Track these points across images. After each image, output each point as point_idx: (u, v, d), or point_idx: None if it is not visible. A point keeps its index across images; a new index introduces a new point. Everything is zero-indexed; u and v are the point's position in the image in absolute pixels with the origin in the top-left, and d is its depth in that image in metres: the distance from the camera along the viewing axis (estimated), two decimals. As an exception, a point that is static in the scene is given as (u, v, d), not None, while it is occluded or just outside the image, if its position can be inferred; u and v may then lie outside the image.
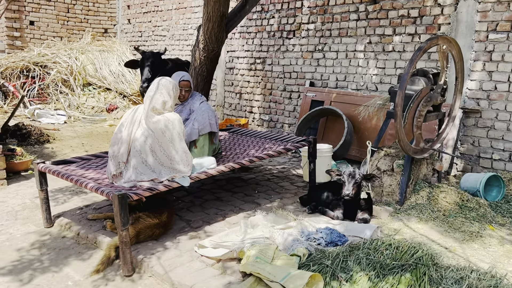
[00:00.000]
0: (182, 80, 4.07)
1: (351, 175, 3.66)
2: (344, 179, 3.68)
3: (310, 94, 6.45)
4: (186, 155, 3.38)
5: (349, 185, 3.64)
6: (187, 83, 4.10)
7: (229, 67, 8.06)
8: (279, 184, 4.90)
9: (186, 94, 4.12)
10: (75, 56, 9.90)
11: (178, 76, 4.09)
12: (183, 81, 4.07)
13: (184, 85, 4.08)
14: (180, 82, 4.06)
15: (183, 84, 4.07)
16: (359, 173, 3.69)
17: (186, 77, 4.10)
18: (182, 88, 4.07)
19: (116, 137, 3.41)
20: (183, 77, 4.08)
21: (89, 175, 3.60)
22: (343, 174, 3.71)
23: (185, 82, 4.09)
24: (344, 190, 3.64)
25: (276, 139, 4.81)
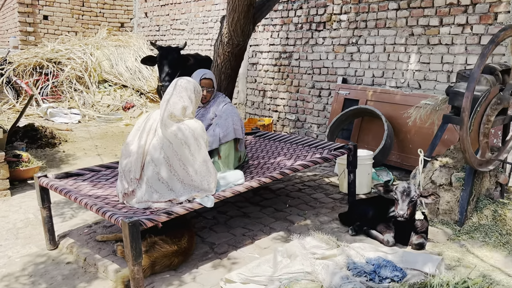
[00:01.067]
0: (204, 78, 3.53)
1: (406, 193, 3.07)
2: (397, 197, 3.10)
3: (343, 92, 5.84)
4: (210, 171, 2.84)
5: (403, 204, 3.05)
6: (209, 82, 3.56)
7: (252, 62, 7.50)
8: (312, 195, 4.33)
9: (208, 94, 3.58)
10: (90, 51, 9.45)
11: (198, 74, 3.55)
12: (205, 79, 3.53)
13: (206, 84, 3.54)
14: (201, 80, 3.52)
15: (204, 82, 3.53)
16: (414, 189, 3.10)
17: (208, 74, 3.56)
18: (204, 88, 3.53)
19: (127, 149, 2.89)
20: (204, 74, 3.54)
21: (97, 192, 3.09)
22: (396, 190, 3.12)
23: (207, 81, 3.55)
24: (398, 210, 3.05)
25: (309, 145, 4.24)
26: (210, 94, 3.60)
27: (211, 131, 3.45)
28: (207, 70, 3.62)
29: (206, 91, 3.55)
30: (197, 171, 2.80)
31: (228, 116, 3.49)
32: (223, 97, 3.70)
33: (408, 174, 5.08)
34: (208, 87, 3.56)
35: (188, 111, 2.85)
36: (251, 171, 3.61)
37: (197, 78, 3.54)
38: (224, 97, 3.71)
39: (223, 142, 3.40)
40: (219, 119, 3.49)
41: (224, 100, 3.68)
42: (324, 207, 4.02)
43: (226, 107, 3.60)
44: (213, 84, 3.58)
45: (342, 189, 4.44)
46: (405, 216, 3.03)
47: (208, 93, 3.57)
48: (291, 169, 3.39)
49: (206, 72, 3.55)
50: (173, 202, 2.76)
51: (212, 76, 3.58)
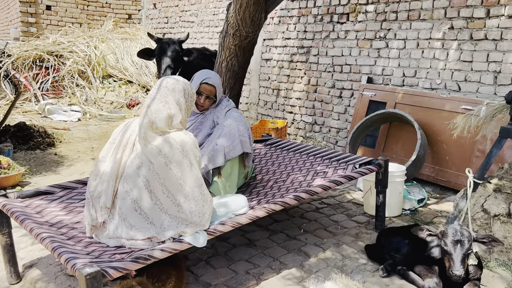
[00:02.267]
0: (205, 82, 2.86)
1: (460, 243, 2.34)
2: (449, 249, 2.35)
3: (368, 93, 5.13)
4: (203, 198, 2.18)
5: (458, 260, 2.31)
6: (212, 89, 2.89)
7: (265, 58, 6.82)
8: (332, 217, 3.65)
9: (206, 103, 2.91)
10: (95, 44, 8.87)
11: (200, 76, 2.88)
12: (206, 85, 2.87)
13: (206, 90, 2.88)
14: (201, 84, 2.85)
15: (205, 88, 2.87)
16: (469, 236, 2.38)
17: (212, 79, 2.88)
18: (202, 94, 2.87)
19: (97, 168, 2.25)
20: (207, 79, 2.86)
21: (64, 218, 2.46)
22: (446, 240, 2.38)
23: (209, 87, 2.88)
24: (454, 270, 2.31)
25: (329, 157, 3.55)
26: (209, 103, 2.93)
27: (212, 144, 2.79)
28: (214, 73, 2.94)
29: (205, 98, 2.89)
30: (187, 198, 2.15)
31: (232, 125, 2.83)
32: (226, 101, 3.04)
33: (444, 191, 4.36)
34: (209, 94, 2.89)
35: (175, 121, 2.20)
36: (258, 191, 2.95)
37: (197, 80, 2.88)
38: (228, 101, 3.05)
39: (228, 158, 2.74)
40: (222, 128, 2.83)
41: (228, 104, 3.01)
42: (347, 233, 3.34)
43: (230, 113, 2.94)
44: (215, 92, 2.91)
45: (368, 210, 3.75)
46: (463, 276, 2.32)
47: (206, 102, 2.91)
48: (308, 192, 2.71)
49: (210, 76, 2.88)
50: (153, 240, 2.12)
51: (217, 82, 2.91)
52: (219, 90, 2.92)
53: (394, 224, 3.54)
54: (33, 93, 8.06)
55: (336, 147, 5.74)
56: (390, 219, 3.63)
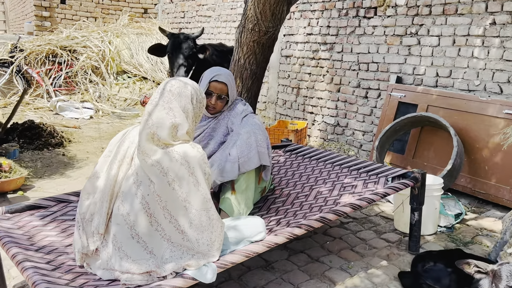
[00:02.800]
0: (215, 80, 2.51)
1: None
2: None
3: (397, 94, 4.71)
4: (212, 223, 1.84)
5: None
6: (223, 87, 2.53)
7: (285, 54, 6.43)
8: (359, 234, 3.27)
9: (218, 103, 2.56)
10: (109, 39, 8.61)
11: (210, 73, 2.54)
12: (216, 83, 2.52)
13: (217, 89, 2.52)
14: (210, 83, 2.50)
15: (215, 87, 2.52)
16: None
17: (223, 76, 2.53)
18: (213, 94, 2.52)
19: (91, 184, 1.92)
20: (217, 76, 2.51)
21: (55, 240, 2.15)
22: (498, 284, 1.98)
23: (220, 85, 2.52)
24: None
25: (357, 168, 3.17)
26: (222, 104, 2.58)
27: (225, 153, 2.44)
28: (224, 70, 2.58)
29: (216, 98, 2.53)
30: (193, 224, 1.80)
31: (250, 133, 2.47)
32: (242, 104, 2.68)
33: (482, 204, 3.93)
34: (220, 93, 2.54)
35: (181, 131, 1.85)
36: (278, 208, 2.59)
37: (206, 79, 2.53)
38: (245, 105, 2.69)
39: (243, 171, 2.39)
40: (237, 136, 2.47)
41: (245, 109, 2.65)
42: (376, 254, 2.96)
43: (248, 119, 2.58)
44: (227, 89, 2.55)
45: (399, 226, 3.36)
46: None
47: (219, 102, 2.55)
48: (336, 212, 2.34)
49: (220, 73, 2.52)
50: (152, 275, 1.78)
51: (228, 79, 2.55)
52: (232, 88, 2.57)
53: (429, 244, 3.15)
54: (45, 89, 7.84)
55: (360, 151, 5.33)
56: (424, 237, 3.24)
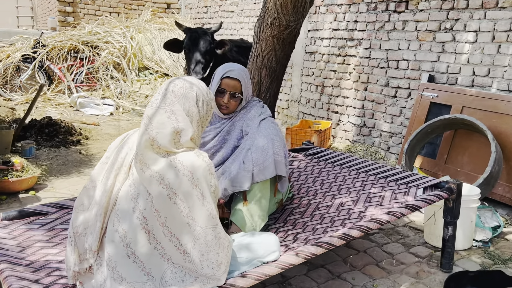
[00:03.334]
0: (226, 76, 2.28)
1: None
2: None
3: (429, 94, 4.39)
4: (218, 243, 1.62)
5: None
6: (236, 84, 2.30)
7: (309, 51, 6.16)
8: (385, 247, 3.00)
9: (232, 102, 2.33)
10: (131, 35, 8.51)
11: (222, 70, 2.31)
12: (228, 79, 2.29)
13: (229, 87, 2.30)
14: (222, 80, 2.28)
15: (227, 84, 2.29)
16: None
17: (236, 72, 2.30)
18: (225, 92, 2.30)
19: (86, 195, 1.73)
20: (230, 72, 2.29)
21: (50, 252, 1.97)
22: None
23: (233, 82, 2.30)
24: None
25: (384, 176, 2.89)
26: (235, 103, 2.35)
27: (238, 160, 2.21)
28: (238, 65, 2.35)
29: (229, 96, 2.31)
30: (196, 243, 1.59)
31: (267, 139, 2.24)
32: (259, 106, 2.44)
33: (523, 216, 3.59)
34: (234, 91, 2.31)
35: (184, 137, 1.63)
36: (295, 220, 2.35)
37: (218, 76, 2.31)
38: (263, 107, 2.45)
39: (257, 180, 2.16)
40: (253, 141, 2.24)
41: (263, 111, 2.40)
42: (404, 271, 2.69)
43: (265, 123, 2.34)
44: (241, 88, 2.32)
45: (430, 239, 3.07)
46: None
47: (232, 101, 2.32)
48: (360, 229, 2.08)
49: (233, 69, 2.29)
50: (149, 299, 1.57)
51: (242, 75, 2.31)
52: (246, 85, 2.33)
53: (463, 260, 2.85)
54: (66, 85, 7.80)
55: (388, 154, 5.03)
56: (457, 253, 2.94)
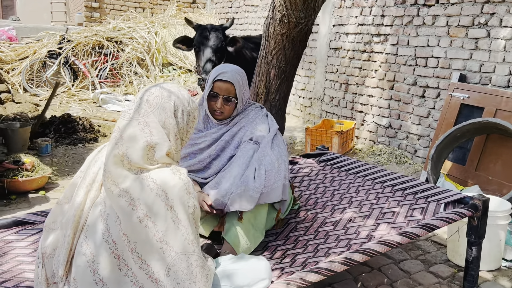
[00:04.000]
0: (218, 79, 2.09)
1: None
2: None
3: (459, 95, 4.06)
4: (193, 272, 1.44)
5: None
6: (228, 87, 2.10)
7: (333, 47, 5.88)
8: (402, 264, 2.75)
9: (226, 107, 2.13)
10: (155, 30, 8.45)
11: (215, 72, 2.12)
12: (220, 82, 2.09)
13: (222, 91, 2.10)
14: (214, 82, 2.09)
15: (219, 87, 2.09)
16: None
17: (228, 74, 2.09)
18: (219, 96, 2.10)
19: (58, 212, 1.59)
20: (222, 74, 2.08)
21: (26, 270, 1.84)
22: None
23: (225, 85, 2.09)
24: None
25: (402, 188, 2.64)
26: (230, 108, 2.15)
27: (239, 175, 2.00)
28: (232, 66, 2.14)
29: (223, 101, 2.11)
30: (171, 270, 1.41)
31: (281, 160, 2.06)
32: (258, 111, 2.23)
33: (562, 232, 3.24)
34: (227, 95, 2.11)
35: (159, 152, 1.46)
36: (297, 237, 2.15)
37: (210, 78, 2.12)
38: (262, 110, 2.24)
39: (261, 202, 1.98)
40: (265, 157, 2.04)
41: (263, 119, 2.19)
42: (423, 295, 2.44)
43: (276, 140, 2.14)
44: (235, 91, 2.13)
45: (453, 257, 2.79)
46: None
47: (226, 106, 2.13)
48: (366, 252, 1.85)
49: (225, 70, 2.10)
50: (115, 333, 1.41)
51: (235, 77, 2.11)
52: (241, 88, 2.13)
53: (489, 284, 2.58)
54: (91, 80, 7.81)
55: (414, 158, 4.72)
56: (483, 274, 2.66)
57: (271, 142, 2.12)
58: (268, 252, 2.05)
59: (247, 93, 2.18)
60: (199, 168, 2.16)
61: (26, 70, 7.42)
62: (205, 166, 2.16)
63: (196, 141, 2.18)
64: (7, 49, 7.67)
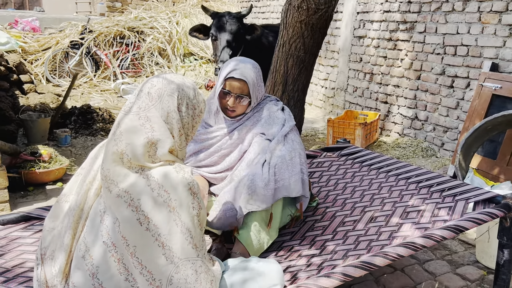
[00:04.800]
0: (230, 77, 1.96)
1: None
2: None
3: (491, 85, 3.83)
4: (198, 279, 1.34)
5: None
6: (241, 85, 1.98)
7: (358, 35, 5.67)
8: (427, 265, 2.60)
9: (240, 106, 2.01)
10: (177, 20, 8.36)
11: (226, 68, 2.00)
12: (232, 80, 1.97)
13: (235, 88, 1.98)
14: (226, 80, 1.97)
15: (232, 85, 1.98)
16: None
17: (241, 70, 1.96)
18: (231, 94, 1.98)
19: (58, 211, 1.51)
20: (233, 71, 1.96)
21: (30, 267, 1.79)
22: None
23: (237, 83, 1.97)
24: None
25: (428, 184, 2.48)
26: (244, 106, 2.03)
27: (254, 170, 1.89)
28: (245, 61, 2.01)
29: (235, 99, 1.99)
30: (174, 277, 1.32)
31: (295, 153, 1.94)
32: (273, 105, 2.11)
33: None
34: (240, 93, 2.00)
35: (161, 149, 1.36)
36: (314, 237, 2.03)
37: (221, 75, 2.00)
38: (277, 104, 2.12)
39: (279, 197, 1.88)
40: (277, 152, 1.92)
41: (286, 119, 2.05)
42: (449, 299, 2.29)
43: (291, 136, 2.01)
44: (248, 90, 2.00)
45: (482, 259, 2.63)
46: None
47: (239, 105, 2.01)
48: (386, 256, 1.72)
49: (238, 67, 1.96)
50: None
51: (249, 75, 1.97)
52: (255, 86, 2.00)
53: (523, 288, 2.40)
54: (112, 71, 7.81)
55: (441, 151, 4.51)
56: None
57: (283, 137, 1.99)
58: (283, 252, 1.94)
59: (261, 89, 2.05)
60: (210, 164, 2.06)
61: (49, 60, 7.46)
62: (216, 162, 2.06)
63: (207, 135, 2.08)
64: (30, 40, 7.72)
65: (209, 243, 1.95)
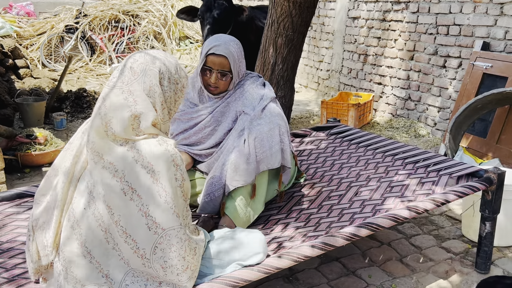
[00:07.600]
0: (211, 53, 1.99)
1: None
2: None
3: (482, 64, 3.85)
4: (182, 246, 1.39)
5: None
6: (222, 61, 2.00)
7: (352, 16, 5.66)
8: (414, 240, 2.66)
9: (221, 82, 2.05)
10: (171, 3, 8.33)
11: (207, 45, 2.02)
12: (213, 56, 1.99)
13: (215, 65, 2.01)
14: (207, 56, 2.00)
15: (213, 61, 2.00)
16: None
17: (222, 46, 1.99)
18: (213, 70, 2.02)
19: (47, 184, 1.56)
20: (214, 47, 1.98)
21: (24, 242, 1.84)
22: None
23: (218, 59, 2.00)
24: None
25: (414, 160, 2.53)
26: (226, 82, 2.06)
27: (238, 147, 1.94)
28: (226, 37, 2.03)
29: (217, 76, 2.03)
30: (158, 248, 1.38)
31: (272, 124, 1.96)
32: (259, 84, 2.14)
33: None
34: (221, 69, 2.02)
35: (144, 122, 1.40)
36: (300, 211, 2.09)
37: (203, 51, 2.03)
38: (263, 84, 2.15)
39: (261, 170, 1.92)
40: (254, 126, 1.96)
41: (265, 93, 2.08)
42: (432, 270, 2.36)
43: (269, 109, 2.04)
44: (230, 65, 2.03)
45: (467, 233, 2.69)
46: None
47: (221, 81, 2.04)
48: (369, 226, 1.78)
49: (219, 43, 1.99)
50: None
51: (229, 50, 2.00)
52: (236, 62, 2.03)
53: (504, 260, 2.47)
54: (108, 55, 7.81)
55: (434, 131, 4.55)
56: (500, 250, 2.55)
57: (261, 110, 2.03)
58: (269, 225, 2.00)
59: (243, 65, 2.08)
60: (195, 141, 2.10)
61: (44, 45, 7.45)
62: (202, 140, 2.10)
63: (192, 115, 2.12)
64: (25, 25, 7.71)
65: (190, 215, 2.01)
